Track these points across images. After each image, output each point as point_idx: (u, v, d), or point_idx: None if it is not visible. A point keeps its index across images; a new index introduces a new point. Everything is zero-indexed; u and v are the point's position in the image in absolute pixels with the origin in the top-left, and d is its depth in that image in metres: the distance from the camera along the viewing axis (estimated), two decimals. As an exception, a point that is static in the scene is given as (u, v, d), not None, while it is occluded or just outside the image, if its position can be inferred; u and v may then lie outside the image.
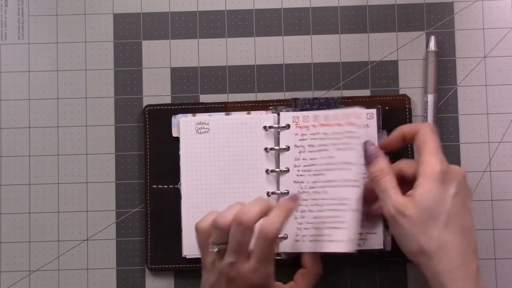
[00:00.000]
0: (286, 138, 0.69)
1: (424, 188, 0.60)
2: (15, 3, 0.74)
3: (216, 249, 0.60)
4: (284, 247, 0.68)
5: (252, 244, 0.60)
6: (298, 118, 0.68)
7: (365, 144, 0.65)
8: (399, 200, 0.60)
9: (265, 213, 0.60)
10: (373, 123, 0.68)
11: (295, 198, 0.64)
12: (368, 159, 0.64)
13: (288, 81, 0.73)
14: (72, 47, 0.74)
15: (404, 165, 0.64)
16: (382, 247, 0.68)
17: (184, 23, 0.74)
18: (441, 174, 0.59)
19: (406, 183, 0.63)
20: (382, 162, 0.63)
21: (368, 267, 0.71)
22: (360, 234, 0.68)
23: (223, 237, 0.60)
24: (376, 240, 0.68)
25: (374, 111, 0.68)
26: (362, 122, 0.66)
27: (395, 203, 0.60)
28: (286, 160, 0.69)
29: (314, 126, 0.67)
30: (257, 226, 0.60)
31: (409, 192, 0.61)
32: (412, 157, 0.70)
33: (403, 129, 0.64)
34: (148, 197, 0.71)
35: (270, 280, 0.60)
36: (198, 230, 0.62)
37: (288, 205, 0.62)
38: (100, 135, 0.73)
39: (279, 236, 0.66)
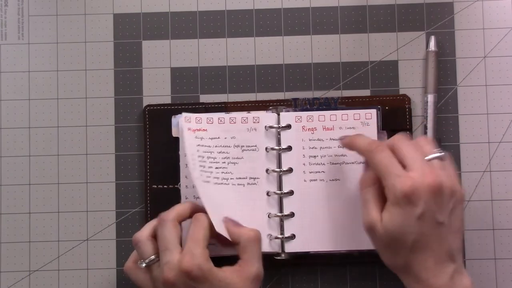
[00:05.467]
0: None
1: (389, 213, 0.59)
2: (15, 3, 0.74)
3: (144, 264, 0.63)
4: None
5: None
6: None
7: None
8: (372, 216, 0.60)
9: (184, 213, 0.64)
10: (373, 122, 0.68)
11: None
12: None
13: (288, 81, 0.73)
14: (72, 47, 0.74)
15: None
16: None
17: (184, 23, 0.74)
18: (404, 197, 0.58)
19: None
20: (368, 173, 0.62)
21: (368, 267, 0.71)
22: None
23: (148, 250, 0.63)
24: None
25: (373, 111, 0.68)
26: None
27: (369, 218, 0.61)
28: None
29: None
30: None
31: (385, 206, 0.60)
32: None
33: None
34: (148, 197, 0.71)
35: (206, 265, 0.60)
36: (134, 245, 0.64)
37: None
38: (100, 135, 0.73)
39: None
